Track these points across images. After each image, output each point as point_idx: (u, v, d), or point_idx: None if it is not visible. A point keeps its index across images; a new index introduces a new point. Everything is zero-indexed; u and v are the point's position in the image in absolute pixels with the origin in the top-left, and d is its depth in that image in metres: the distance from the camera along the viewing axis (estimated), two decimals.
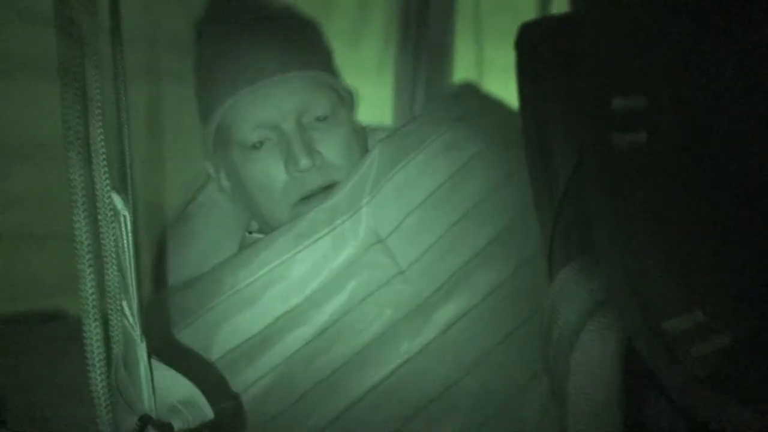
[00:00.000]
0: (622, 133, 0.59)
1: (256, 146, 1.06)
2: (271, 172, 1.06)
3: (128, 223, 0.60)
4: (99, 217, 0.62)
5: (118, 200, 0.61)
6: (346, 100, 1.14)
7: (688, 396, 0.58)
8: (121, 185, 0.62)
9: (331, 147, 1.07)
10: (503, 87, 1.48)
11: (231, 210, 1.20)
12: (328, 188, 1.06)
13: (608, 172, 0.60)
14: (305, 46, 1.12)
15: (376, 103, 1.56)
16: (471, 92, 1.26)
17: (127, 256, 0.61)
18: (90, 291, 0.62)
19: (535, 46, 0.73)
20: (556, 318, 0.66)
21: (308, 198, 1.06)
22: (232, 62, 1.07)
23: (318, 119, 1.07)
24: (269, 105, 1.05)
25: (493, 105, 1.21)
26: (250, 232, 1.18)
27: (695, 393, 0.57)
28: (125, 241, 0.61)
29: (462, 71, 1.58)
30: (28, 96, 1.02)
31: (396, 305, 0.99)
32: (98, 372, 0.63)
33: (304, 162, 1.03)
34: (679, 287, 0.59)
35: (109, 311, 0.65)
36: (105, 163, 0.62)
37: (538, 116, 0.73)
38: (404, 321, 0.99)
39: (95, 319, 0.62)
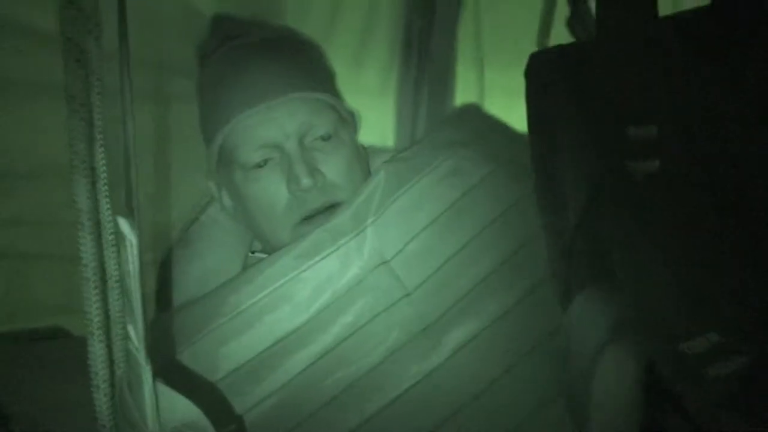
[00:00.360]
0: (636, 161, 0.61)
1: (260, 165, 1.07)
2: (273, 192, 1.07)
3: (134, 248, 0.61)
4: (103, 241, 0.63)
5: (124, 224, 0.62)
6: (348, 121, 1.15)
7: (707, 416, 0.59)
8: (128, 209, 0.63)
9: (333, 167, 1.08)
10: (505, 110, 1.49)
11: (233, 230, 1.21)
12: (330, 208, 1.08)
13: (623, 198, 0.61)
14: (307, 68, 1.13)
15: (377, 125, 1.57)
16: (474, 115, 1.27)
17: (132, 280, 0.62)
18: (95, 313, 0.63)
19: (544, 75, 0.75)
20: (575, 342, 0.67)
21: (310, 218, 1.08)
22: (235, 84, 1.08)
23: (320, 139, 1.08)
24: (272, 126, 1.06)
25: (498, 128, 1.22)
26: (253, 252, 1.19)
27: (714, 413, 0.58)
28: (131, 265, 0.62)
29: (463, 94, 1.59)
30: (32, 118, 1.02)
31: (402, 327, 0.99)
32: (103, 393, 0.63)
33: (305, 181, 1.04)
34: (696, 310, 0.61)
35: (114, 334, 0.66)
36: (106, 188, 0.63)
37: (547, 144, 0.75)
38: (412, 344, 0.99)
39: (100, 341, 0.63)
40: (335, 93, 1.16)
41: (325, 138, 1.09)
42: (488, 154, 1.11)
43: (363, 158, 1.18)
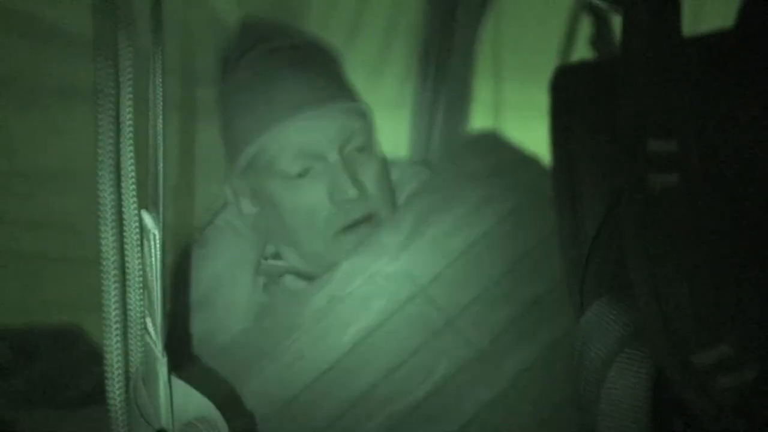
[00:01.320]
0: (656, 174, 0.62)
1: (302, 174, 1.07)
2: (314, 202, 1.07)
3: (157, 241, 0.62)
4: (125, 234, 0.64)
5: (148, 218, 0.63)
6: (373, 128, 1.16)
7: (716, 425, 0.60)
8: (152, 204, 0.64)
9: (371, 177, 1.10)
10: (520, 126, 1.51)
11: (247, 235, 1.22)
12: (368, 218, 1.09)
13: (642, 211, 0.62)
14: (340, 76, 1.15)
15: (392, 136, 1.58)
16: (499, 143, 1.26)
17: (154, 274, 0.63)
18: (113, 305, 0.63)
19: (568, 88, 0.76)
20: (588, 349, 0.68)
21: (350, 228, 1.08)
22: (273, 91, 1.09)
23: (357, 149, 1.09)
24: (315, 134, 1.07)
25: (523, 157, 1.22)
26: (266, 258, 1.20)
27: (723, 423, 0.59)
28: (153, 259, 0.63)
29: (479, 109, 1.60)
30: (55, 122, 1.04)
31: (451, 357, 0.99)
32: (116, 386, 0.64)
33: (352, 192, 1.05)
34: (707, 322, 0.62)
35: (131, 327, 0.67)
36: (133, 184, 0.64)
37: (568, 156, 0.76)
38: (466, 372, 0.98)
39: (117, 334, 0.64)
40: (359, 97, 1.17)
41: (361, 149, 1.10)
42: (517, 184, 1.12)
43: (387, 166, 1.19)
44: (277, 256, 1.20)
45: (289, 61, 1.12)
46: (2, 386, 1.01)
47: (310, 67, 1.11)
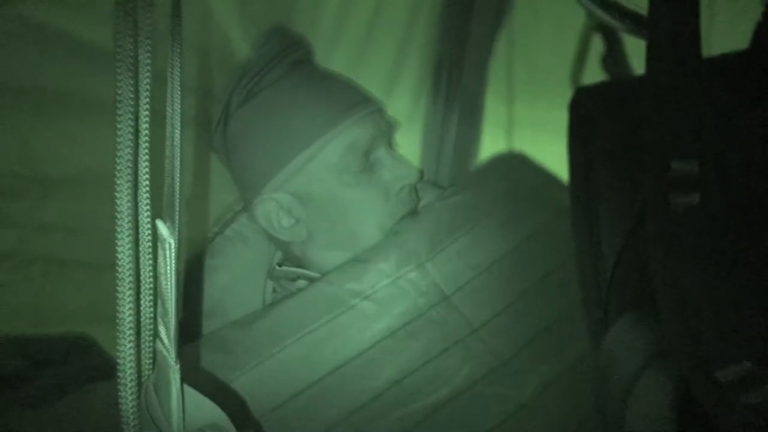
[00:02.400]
0: (678, 195, 0.63)
1: (365, 169, 1.11)
2: (376, 195, 1.11)
3: (172, 250, 0.64)
4: (140, 242, 0.66)
5: (163, 227, 0.65)
6: None
7: None
8: (168, 214, 0.65)
9: None
10: (531, 143, 1.52)
11: (257, 245, 1.24)
12: (415, 212, 1.13)
13: (665, 230, 0.64)
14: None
15: (404, 152, 1.60)
16: (524, 163, 1.28)
17: (168, 282, 0.65)
18: (128, 313, 0.65)
19: (588, 108, 0.78)
20: (613, 366, 0.69)
21: (402, 219, 1.12)
22: (327, 93, 1.12)
23: (391, 146, 1.16)
24: (372, 129, 1.11)
25: (549, 179, 1.24)
26: (280, 265, 1.21)
27: None
28: (168, 267, 0.64)
29: (491, 126, 1.61)
30: (70, 132, 1.05)
31: (475, 363, 0.99)
32: (129, 392, 0.65)
33: (414, 174, 1.11)
34: (731, 339, 0.63)
35: (143, 334, 0.68)
36: (148, 193, 0.66)
37: (586, 175, 0.78)
38: (488, 381, 0.98)
39: (130, 341, 0.65)
40: None
41: (393, 146, 1.16)
42: (541, 204, 1.14)
43: None
44: (285, 263, 1.22)
45: (319, 68, 1.16)
46: (15, 394, 1.02)
47: (333, 73, 1.16)
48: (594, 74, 1.36)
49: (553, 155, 1.11)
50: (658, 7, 0.63)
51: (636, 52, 1.30)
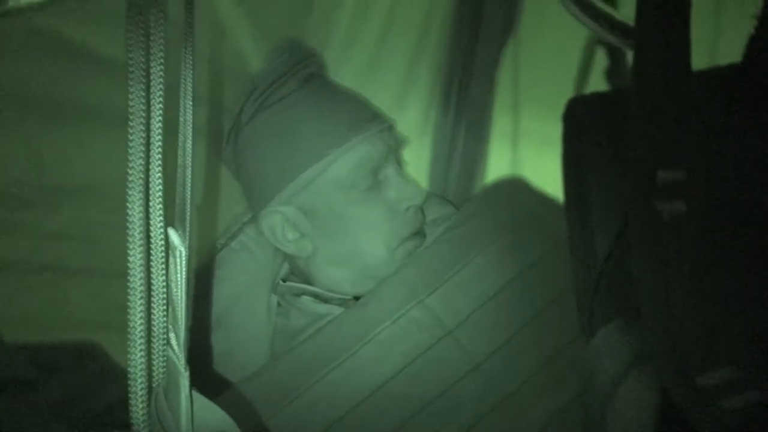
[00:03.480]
0: (664, 203, 0.65)
1: (373, 187, 1.11)
2: (382, 213, 1.12)
3: (183, 258, 0.65)
4: (151, 250, 0.67)
5: (174, 235, 0.66)
6: None
7: None
8: (179, 222, 0.67)
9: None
10: (538, 157, 1.53)
11: (263, 258, 1.25)
12: (420, 231, 1.15)
13: (651, 237, 0.65)
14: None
15: (413, 165, 1.61)
16: (525, 190, 1.28)
17: (179, 290, 0.66)
18: (139, 320, 0.66)
19: (581, 118, 0.80)
20: (596, 371, 0.70)
21: (408, 239, 1.13)
22: (336, 113, 1.12)
23: (399, 164, 1.16)
24: (381, 146, 1.12)
25: (548, 205, 1.23)
26: (284, 281, 1.23)
27: None
28: (178, 275, 0.66)
29: (498, 140, 1.62)
30: (81, 140, 1.06)
31: (475, 403, 0.99)
32: (140, 399, 0.67)
33: (419, 197, 1.12)
34: (713, 345, 0.64)
35: (154, 341, 0.69)
36: (160, 202, 0.67)
37: (579, 183, 0.79)
38: (495, 416, 0.98)
39: (141, 348, 0.67)
40: None
41: (401, 163, 1.18)
42: (541, 232, 1.14)
43: None
44: (291, 278, 1.23)
45: (331, 83, 1.17)
46: (23, 402, 1.03)
47: (344, 89, 1.17)
48: (598, 88, 1.37)
49: (558, 168, 1.12)
50: (645, 19, 0.65)
51: None
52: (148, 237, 0.67)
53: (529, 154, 1.61)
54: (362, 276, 1.14)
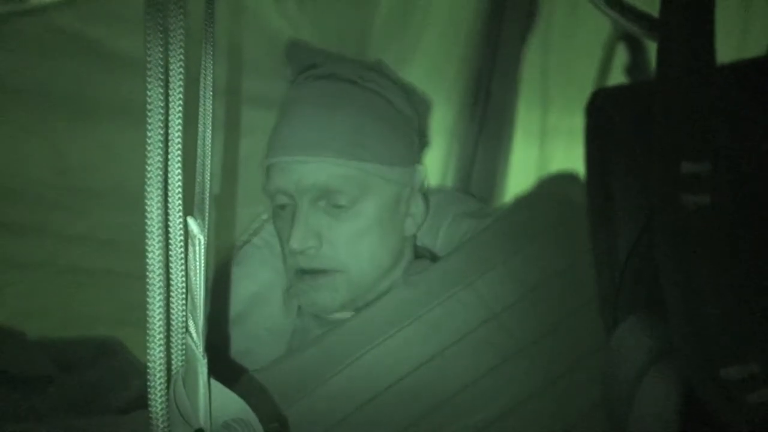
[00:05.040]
0: (689, 195, 0.66)
1: (280, 207, 1.14)
2: (283, 235, 1.15)
3: (202, 247, 0.68)
4: (170, 239, 0.69)
5: (193, 224, 0.69)
6: (385, 189, 1.15)
7: None
8: (198, 210, 0.70)
9: (337, 236, 1.12)
10: (565, 153, 1.55)
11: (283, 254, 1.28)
12: (324, 271, 1.12)
13: (675, 230, 0.67)
14: (361, 126, 1.13)
15: (438, 163, 1.63)
16: (580, 187, 1.29)
17: (198, 278, 0.69)
18: (158, 309, 0.68)
19: (604, 110, 0.81)
20: (620, 364, 0.72)
21: (307, 272, 1.13)
22: (282, 124, 1.15)
23: (335, 206, 1.11)
24: (291, 178, 1.11)
25: (575, 211, 1.23)
26: None
27: None
28: (197, 264, 0.69)
29: (524, 136, 1.64)
30: (104, 142, 1.09)
31: (522, 382, 1.02)
32: (158, 388, 0.68)
33: (293, 245, 1.10)
34: (737, 339, 0.65)
35: (173, 331, 0.72)
36: (179, 195, 0.69)
37: (602, 176, 0.81)
38: (537, 400, 1.01)
39: (160, 337, 0.69)
40: (390, 160, 1.15)
41: (340, 206, 1.11)
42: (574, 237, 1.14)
43: (389, 229, 1.17)
44: None
45: (315, 101, 1.15)
46: (44, 398, 1.06)
47: (328, 117, 1.13)
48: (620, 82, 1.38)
49: None
50: (668, 11, 0.66)
51: None
52: (166, 226, 0.68)
53: (557, 151, 1.62)
54: None
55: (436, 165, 1.62)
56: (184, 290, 0.70)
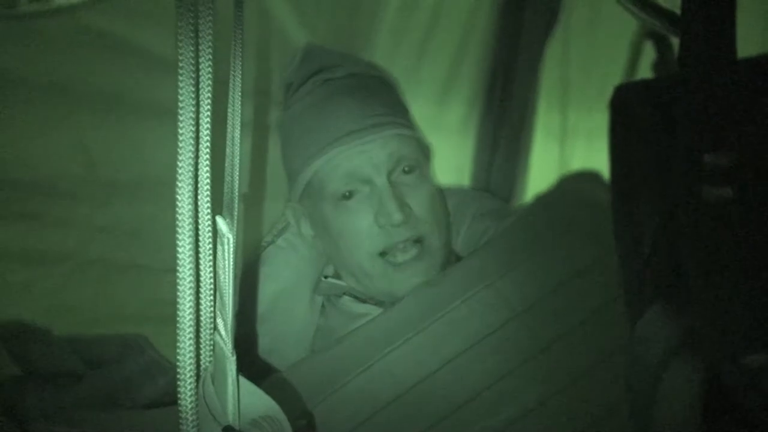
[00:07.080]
0: (711, 188, 0.67)
1: (347, 197, 1.15)
2: (359, 223, 1.15)
3: (231, 245, 0.69)
4: (200, 239, 0.71)
5: (222, 223, 0.70)
6: (427, 156, 1.23)
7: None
8: (227, 210, 0.71)
9: (419, 201, 1.16)
10: (585, 152, 1.55)
11: (307, 255, 1.29)
12: (416, 241, 1.15)
13: (698, 222, 0.67)
14: (393, 103, 1.22)
15: (455, 162, 1.64)
16: (602, 186, 1.28)
17: (227, 277, 0.70)
18: (188, 307, 0.69)
19: (628, 105, 0.82)
20: (643, 354, 0.72)
21: (391, 249, 1.15)
22: (327, 118, 1.17)
23: (405, 172, 1.16)
24: (362, 160, 1.14)
25: (600, 208, 1.24)
26: (326, 277, 1.27)
27: None
28: (226, 262, 0.70)
29: (545, 135, 1.64)
30: (130, 136, 1.11)
31: (545, 381, 1.02)
32: (188, 386, 0.68)
33: (397, 217, 1.12)
34: (760, 327, 0.66)
35: (202, 329, 0.73)
36: (208, 193, 0.71)
37: (626, 169, 0.81)
38: (559, 399, 1.01)
39: (190, 335, 0.70)
40: (414, 125, 1.24)
41: (409, 172, 1.17)
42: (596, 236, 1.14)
43: (441, 193, 1.25)
44: (337, 276, 1.27)
45: (341, 90, 1.20)
46: (71, 394, 1.08)
47: (367, 96, 1.19)
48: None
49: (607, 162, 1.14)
50: (690, 6, 0.67)
51: None
52: (196, 226, 0.70)
53: (578, 150, 1.63)
54: (361, 283, 1.20)
55: (455, 164, 1.64)
56: (212, 289, 0.71)
